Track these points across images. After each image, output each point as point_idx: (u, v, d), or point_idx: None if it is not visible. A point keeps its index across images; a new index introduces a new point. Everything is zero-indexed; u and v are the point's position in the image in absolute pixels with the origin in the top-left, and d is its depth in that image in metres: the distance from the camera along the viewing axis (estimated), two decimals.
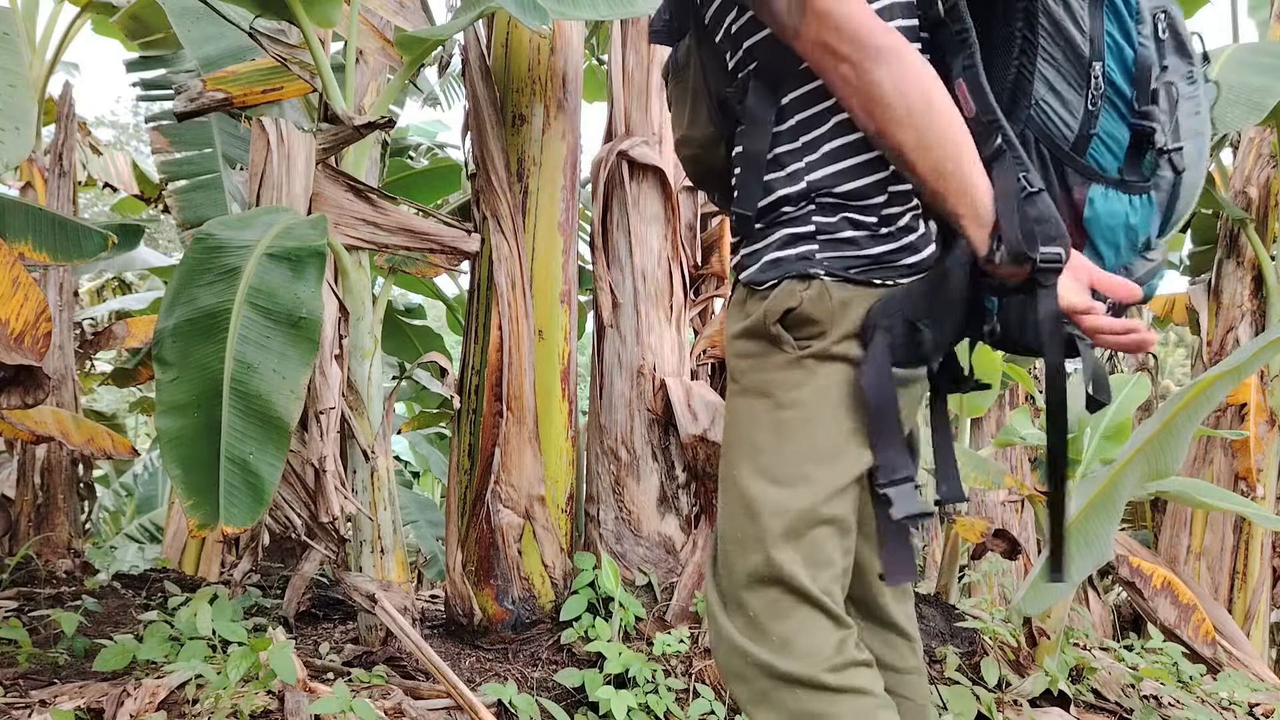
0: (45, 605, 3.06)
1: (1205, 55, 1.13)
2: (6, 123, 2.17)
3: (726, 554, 1.15)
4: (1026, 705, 2.71)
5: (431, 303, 6.45)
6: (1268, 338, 2.30)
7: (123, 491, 7.49)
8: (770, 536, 1.09)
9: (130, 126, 19.14)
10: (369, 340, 2.74)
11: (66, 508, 4.06)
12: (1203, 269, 5.52)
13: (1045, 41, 1.05)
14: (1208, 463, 4.76)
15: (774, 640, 1.08)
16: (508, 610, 2.81)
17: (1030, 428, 3.22)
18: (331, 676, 2.31)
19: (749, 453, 1.14)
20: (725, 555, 1.15)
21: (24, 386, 2.48)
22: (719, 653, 1.16)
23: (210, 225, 2.28)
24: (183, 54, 4.47)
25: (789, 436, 1.11)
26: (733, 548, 1.13)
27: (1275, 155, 4.77)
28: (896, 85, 0.98)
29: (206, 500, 2.05)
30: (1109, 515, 2.44)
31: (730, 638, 1.12)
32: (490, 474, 2.82)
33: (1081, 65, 1.05)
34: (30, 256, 3.12)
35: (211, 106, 2.90)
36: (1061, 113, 1.06)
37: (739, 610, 1.12)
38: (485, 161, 2.91)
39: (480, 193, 2.94)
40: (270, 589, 3.55)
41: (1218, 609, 4.28)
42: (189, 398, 2.08)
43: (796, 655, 1.07)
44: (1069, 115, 1.06)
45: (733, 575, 1.13)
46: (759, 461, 1.13)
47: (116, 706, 1.90)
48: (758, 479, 1.12)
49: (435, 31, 2.75)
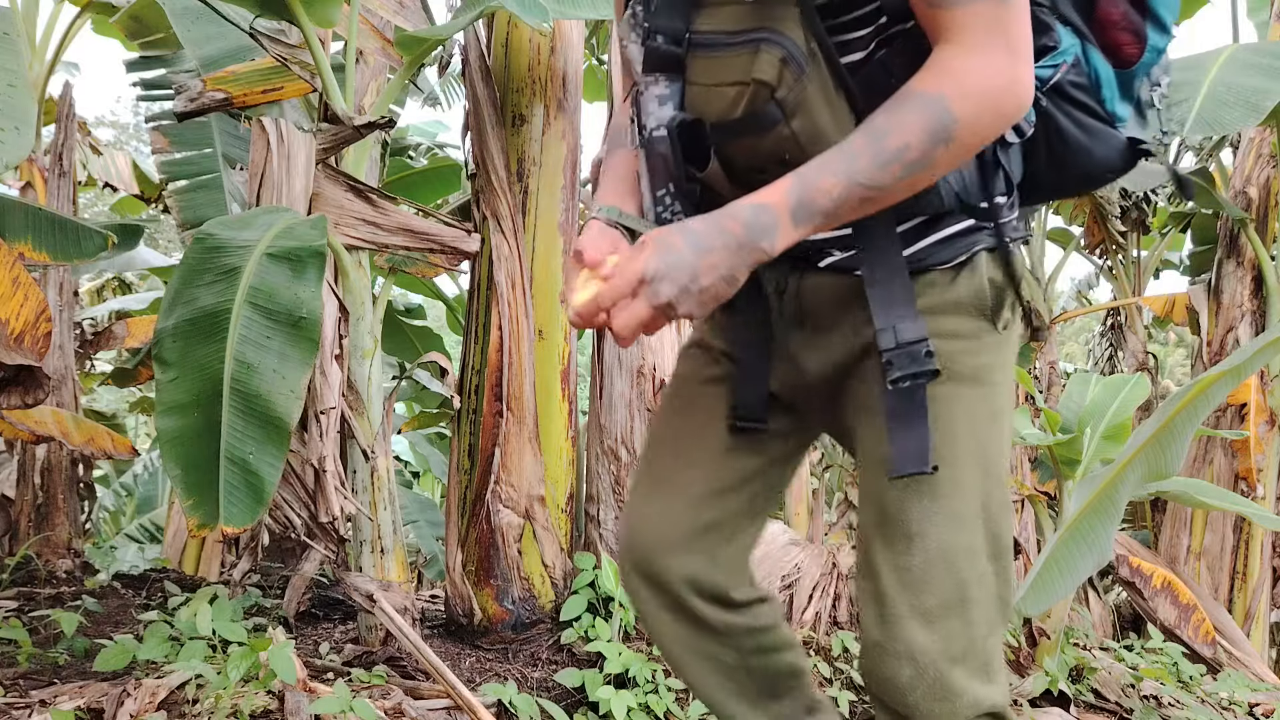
0: (45, 605, 3.06)
1: None
2: (6, 122, 2.17)
3: (969, 597, 1.01)
4: (1027, 705, 2.71)
5: (431, 303, 6.44)
6: (1268, 338, 2.30)
7: (123, 491, 7.49)
8: (1012, 575, 1.04)
9: (130, 126, 19.16)
10: (369, 340, 2.74)
11: (66, 508, 4.05)
12: (1203, 269, 5.52)
13: None
14: (1208, 463, 4.76)
15: (999, 680, 1.04)
16: (508, 610, 2.81)
17: (1030, 428, 3.22)
18: (331, 676, 2.31)
19: (978, 459, 1.03)
20: (966, 597, 1.01)
21: (24, 386, 2.48)
22: (944, 710, 1.00)
23: (210, 225, 2.28)
24: (183, 54, 4.46)
25: (1003, 423, 1.06)
26: (976, 590, 1.01)
27: (1275, 155, 4.77)
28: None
29: (206, 500, 2.05)
30: (1109, 515, 2.44)
31: (972, 693, 1.00)
32: (490, 474, 2.82)
33: None
34: (30, 256, 3.12)
35: (211, 106, 2.89)
36: None
37: (978, 660, 1.01)
38: (485, 161, 2.91)
39: (480, 193, 2.94)
40: (270, 589, 3.55)
41: (1218, 609, 4.28)
42: (189, 398, 2.08)
43: (1001, 685, 1.05)
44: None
45: (975, 626, 1.01)
46: (993, 470, 1.04)
47: (116, 706, 1.90)
48: (998, 488, 1.04)
49: (435, 31, 2.74)
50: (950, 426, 1.02)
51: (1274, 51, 3.75)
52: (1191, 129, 3.38)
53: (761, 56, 0.96)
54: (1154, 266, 6.76)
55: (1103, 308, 6.87)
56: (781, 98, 0.97)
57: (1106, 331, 6.72)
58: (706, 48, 1.01)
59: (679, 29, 1.02)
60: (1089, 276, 8.36)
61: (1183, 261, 7.26)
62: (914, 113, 0.89)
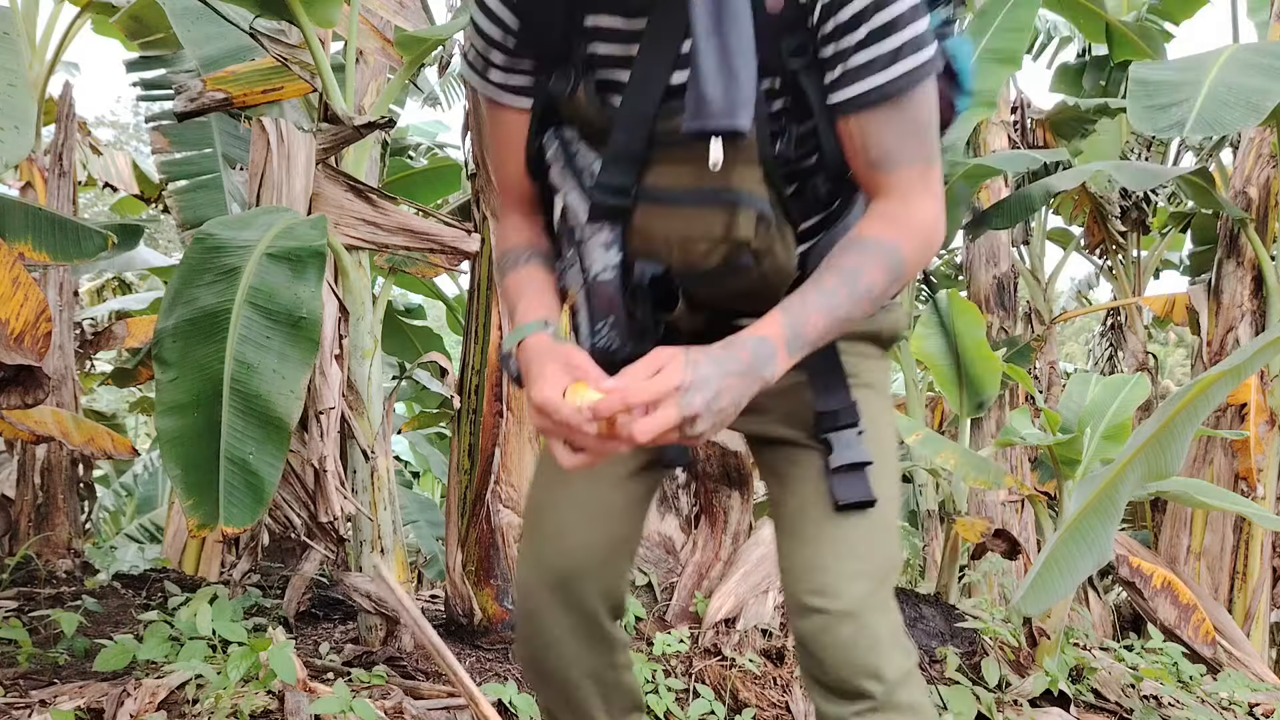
0: (45, 605, 3.06)
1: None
2: (6, 122, 2.16)
3: (891, 548, 1.18)
4: (1026, 705, 2.71)
5: (431, 303, 6.45)
6: (1268, 338, 2.30)
7: (123, 491, 7.49)
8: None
9: (130, 126, 19.16)
10: (369, 340, 2.74)
11: (66, 508, 4.05)
12: (1203, 269, 5.52)
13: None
14: (1208, 462, 4.76)
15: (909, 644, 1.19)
16: (508, 610, 2.81)
17: (1030, 428, 3.22)
18: (331, 676, 2.31)
19: (892, 447, 1.24)
20: (890, 548, 1.18)
21: (24, 386, 2.48)
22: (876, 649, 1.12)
23: (210, 225, 2.28)
24: (183, 54, 4.46)
25: (893, 421, 1.29)
26: (890, 544, 1.18)
27: (1275, 155, 4.77)
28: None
29: (206, 500, 2.05)
30: (1109, 515, 2.43)
31: (900, 653, 1.13)
32: (490, 474, 2.82)
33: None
34: (30, 256, 3.12)
35: (211, 106, 2.89)
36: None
37: (898, 623, 1.16)
38: (485, 161, 2.91)
39: (480, 193, 2.94)
40: (270, 589, 3.55)
41: (1218, 609, 4.28)
42: (189, 398, 2.08)
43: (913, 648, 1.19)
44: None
45: (891, 590, 1.17)
46: (895, 455, 1.26)
47: (116, 706, 1.90)
48: (898, 472, 1.28)
49: (435, 31, 2.75)
50: (874, 422, 1.20)
51: (1274, 51, 3.75)
52: (1192, 129, 3.37)
53: (740, 217, 1.04)
54: (1154, 266, 6.77)
55: (1103, 308, 6.88)
56: (755, 248, 1.07)
57: (1106, 331, 6.73)
58: (663, 202, 1.08)
59: (628, 183, 1.08)
60: (1089, 276, 8.37)
61: (1183, 261, 7.26)
62: (875, 257, 1.05)
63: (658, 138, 1.07)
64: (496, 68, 1.16)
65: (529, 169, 1.19)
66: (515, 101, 1.17)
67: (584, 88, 1.10)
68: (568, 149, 1.13)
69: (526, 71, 1.16)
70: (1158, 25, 5.74)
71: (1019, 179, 5.63)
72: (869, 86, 1.02)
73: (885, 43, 1.00)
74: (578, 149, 1.13)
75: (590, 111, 1.10)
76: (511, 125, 1.19)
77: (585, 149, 1.12)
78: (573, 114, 1.13)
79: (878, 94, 1.01)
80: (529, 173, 1.20)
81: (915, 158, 1.06)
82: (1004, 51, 4.49)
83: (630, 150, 1.07)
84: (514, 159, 1.20)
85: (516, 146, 1.19)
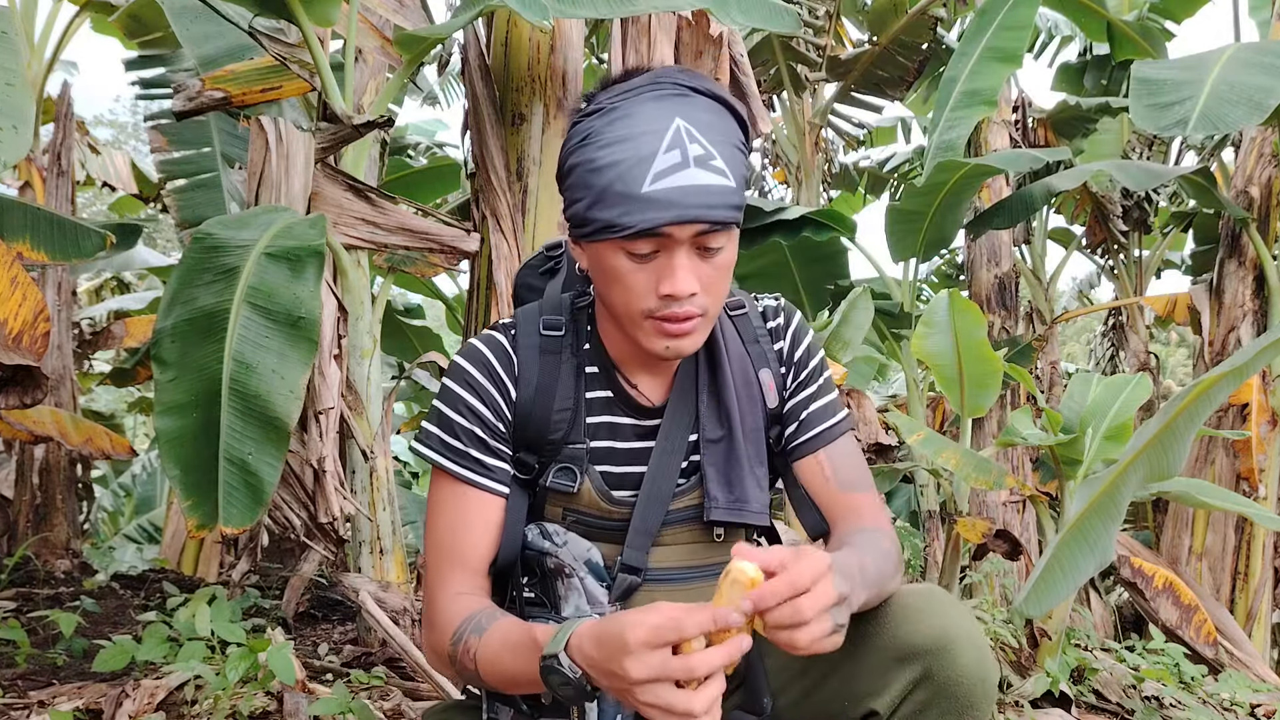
0: (44, 606, 3.05)
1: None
2: (5, 121, 2.15)
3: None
4: (1028, 706, 2.70)
5: (431, 303, 6.44)
6: (1270, 338, 2.28)
7: (121, 492, 7.48)
8: None
9: (129, 126, 19.16)
10: (368, 340, 2.73)
11: (65, 508, 4.05)
12: (1204, 269, 5.51)
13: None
14: (1209, 463, 4.76)
15: None
16: None
17: (1032, 428, 3.21)
18: (330, 677, 2.30)
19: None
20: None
21: (22, 386, 2.47)
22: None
23: (209, 225, 2.27)
24: (181, 53, 4.45)
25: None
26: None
27: (1277, 155, 4.76)
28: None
29: (205, 501, 2.04)
30: (1111, 516, 2.42)
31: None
32: None
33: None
34: (28, 256, 3.11)
35: (210, 105, 2.88)
36: None
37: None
38: (485, 160, 2.90)
39: (480, 192, 2.93)
40: (269, 589, 3.54)
41: (1219, 610, 4.27)
42: (187, 398, 2.07)
43: None
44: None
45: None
46: None
47: (115, 707, 1.89)
48: None
49: (434, 30, 2.74)
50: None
51: (1276, 50, 3.73)
52: (1195, 127, 3.36)
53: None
54: (1155, 266, 6.76)
55: (1104, 307, 6.86)
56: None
57: (1108, 331, 6.71)
58: (666, 581, 1.20)
59: (642, 564, 1.18)
60: (1090, 276, 8.36)
61: (1184, 261, 7.25)
62: (874, 536, 1.15)
63: (668, 518, 1.19)
64: (481, 451, 1.18)
65: (509, 550, 1.19)
66: (494, 486, 1.19)
67: (589, 482, 1.19)
68: (553, 539, 1.18)
69: (506, 460, 1.20)
70: (1159, 24, 5.73)
71: (1020, 178, 5.62)
72: (833, 422, 1.25)
73: (830, 394, 1.27)
74: (566, 539, 1.18)
75: (599, 503, 1.19)
76: (486, 506, 1.19)
77: (575, 538, 1.18)
78: (569, 506, 1.20)
79: (839, 429, 1.25)
80: (505, 553, 1.19)
81: (870, 487, 1.24)
82: (1005, 50, 4.48)
83: (647, 529, 1.18)
84: (479, 535, 1.18)
85: (484, 525, 1.19)
